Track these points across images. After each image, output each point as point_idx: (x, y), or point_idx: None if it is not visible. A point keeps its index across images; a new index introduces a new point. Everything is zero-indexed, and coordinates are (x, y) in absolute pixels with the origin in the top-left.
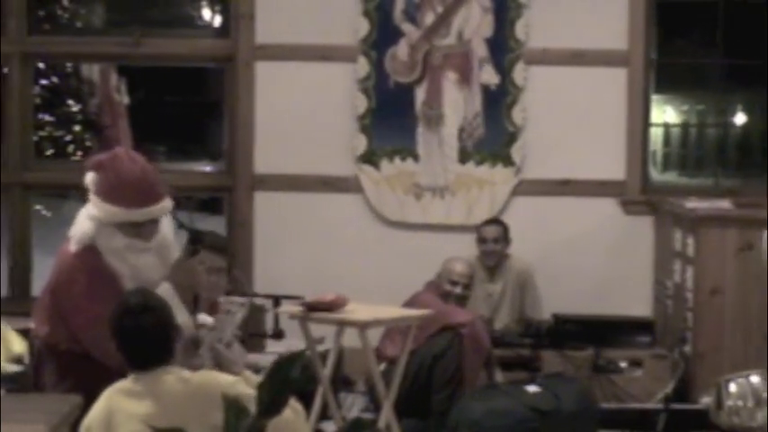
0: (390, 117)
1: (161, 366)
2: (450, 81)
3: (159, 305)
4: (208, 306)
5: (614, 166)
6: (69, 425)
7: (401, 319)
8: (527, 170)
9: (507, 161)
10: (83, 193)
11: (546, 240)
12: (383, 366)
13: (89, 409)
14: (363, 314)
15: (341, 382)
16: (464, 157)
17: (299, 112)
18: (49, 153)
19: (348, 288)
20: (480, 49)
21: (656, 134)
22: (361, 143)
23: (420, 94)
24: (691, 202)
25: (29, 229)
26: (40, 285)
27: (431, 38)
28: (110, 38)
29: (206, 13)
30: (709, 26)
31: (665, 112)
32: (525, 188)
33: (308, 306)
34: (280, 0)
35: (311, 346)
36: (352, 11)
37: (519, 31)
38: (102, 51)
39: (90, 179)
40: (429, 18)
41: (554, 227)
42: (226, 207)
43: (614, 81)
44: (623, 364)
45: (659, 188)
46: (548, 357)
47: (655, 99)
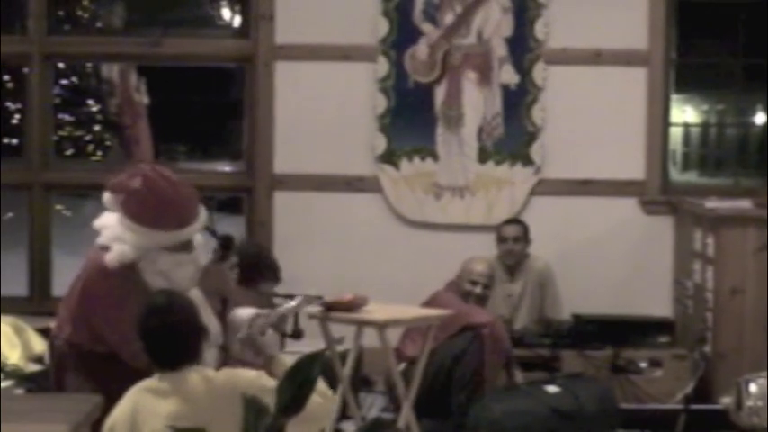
0: (410, 117)
1: (187, 365)
2: (470, 81)
3: (185, 305)
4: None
5: (634, 166)
6: (90, 425)
7: (421, 319)
8: (546, 170)
9: (527, 161)
10: (103, 194)
11: (565, 240)
12: (403, 366)
13: (110, 409)
14: (383, 314)
15: (360, 382)
16: (483, 156)
17: (318, 113)
18: (69, 153)
19: (367, 288)
20: (500, 49)
21: (675, 134)
22: (381, 143)
23: (439, 93)
24: (711, 202)
25: (49, 228)
26: (60, 285)
27: (450, 37)
28: (129, 38)
29: (225, 14)
30: (729, 26)
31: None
32: (545, 188)
33: (327, 306)
34: (299, 0)
35: (331, 346)
36: (372, 11)
37: (538, 30)
38: (122, 51)
39: (120, 202)
40: (448, 18)
41: (573, 227)
42: (245, 207)
43: (634, 81)
44: (643, 365)
45: (679, 188)
46: (567, 357)
47: (675, 99)
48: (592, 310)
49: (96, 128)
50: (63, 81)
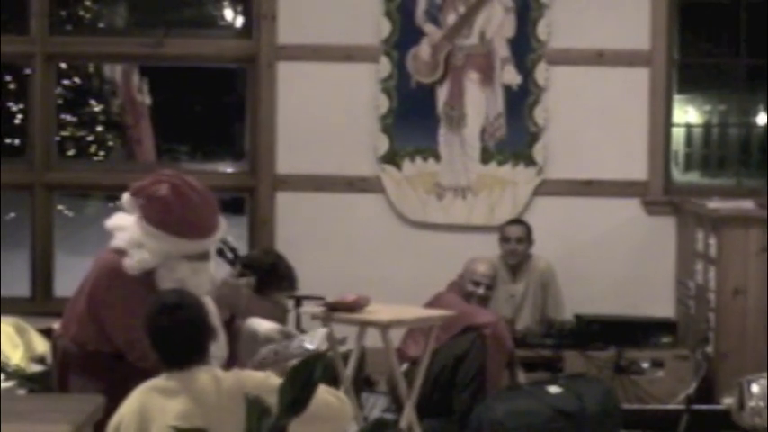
0: (412, 117)
1: (195, 364)
2: (472, 81)
3: (194, 303)
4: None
5: (636, 167)
6: (92, 425)
7: (423, 320)
8: (549, 170)
9: (529, 161)
10: (105, 194)
11: (568, 241)
12: (405, 366)
13: (113, 409)
14: (385, 314)
15: (363, 383)
16: (486, 157)
17: (320, 113)
18: (71, 153)
19: (370, 288)
20: (502, 50)
21: (678, 134)
22: (383, 143)
23: (442, 94)
24: (713, 203)
25: (51, 229)
26: (62, 285)
27: (453, 38)
28: (132, 38)
29: (228, 14)
30: (731, 26)
31: (687, 113)
32: (547, 188)
33: (329, 306)
34: (302, 0)
35: (333, 346)
36: (374, 11)
37: (541, 31)
38: (125, 52)
39: (140, 206)
40: (451, 18)
41: (576, 227)
42: (248, 207)
43: (636, 81)
44: (645, 365)
45: (681, 188)
46: (570, 358)
47: (677, 99)
48: (594, 310)
49: (99, 128)
50: (65, 81)
